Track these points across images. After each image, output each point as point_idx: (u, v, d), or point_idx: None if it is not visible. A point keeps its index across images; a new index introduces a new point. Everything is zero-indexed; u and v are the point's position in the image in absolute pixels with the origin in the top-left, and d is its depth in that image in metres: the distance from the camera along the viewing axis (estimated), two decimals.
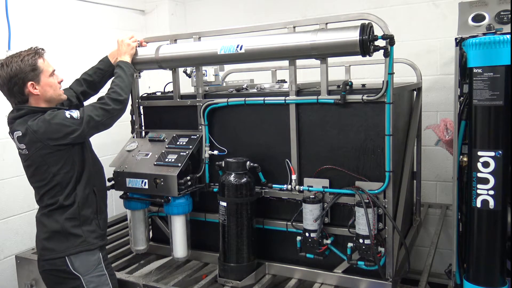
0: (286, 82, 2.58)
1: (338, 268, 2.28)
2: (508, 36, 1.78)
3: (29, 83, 2.05)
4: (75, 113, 2.09)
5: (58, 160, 2.08)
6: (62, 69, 3.36)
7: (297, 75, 2.28)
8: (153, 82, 3.37)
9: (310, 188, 2.25)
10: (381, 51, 2.02)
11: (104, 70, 2.49)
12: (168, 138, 2.54)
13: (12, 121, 2.14)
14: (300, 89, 2.30)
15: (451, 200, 2.15)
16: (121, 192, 2.53)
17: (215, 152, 2.46)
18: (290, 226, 2.34)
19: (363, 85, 2.38)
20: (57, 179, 2.09)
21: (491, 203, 1.87)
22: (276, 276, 2.42)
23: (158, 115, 2.72)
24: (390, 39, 1.99)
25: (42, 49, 2.15)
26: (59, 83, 2.19)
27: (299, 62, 2.30)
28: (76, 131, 2.05)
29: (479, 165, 1.88)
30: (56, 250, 2.10)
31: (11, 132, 2.15)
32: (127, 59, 2.42)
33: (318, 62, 2.19)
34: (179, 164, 2.33)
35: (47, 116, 2.05)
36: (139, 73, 2.73)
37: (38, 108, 2.12)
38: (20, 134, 2.08)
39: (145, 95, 2.79)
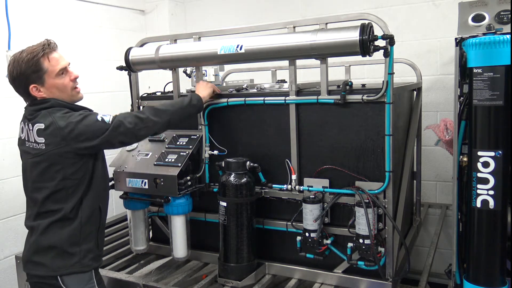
0: (286, 82, 2.58)
1: (338, 268, 2.28)
2: (508, 36, 1.78)
3: (32, 86, 1.91)
4: (108, 117, 1.95)
5: (74, 163, 1.92)
6: None
7: (297, 75, 2.28)
8: (153, 82, 3.37)
9: (310, 188, 2.25)
10: (381, 51, 2.02)
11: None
12: (168, 138, 2.54)
13: (33, 112, 1.95)
14: (300, 89, 2.30)
15: (451, 200, 2.15)
16: (121, 192, 2.53)
17: (215, 152, 2.46)
18: (290, 226, 2.34)
19: (363, 85, 2.38)
20: (66, 184, 1.92)
21: (491, 203, 1.87)
22: (276, 276, 2.42)
23: None
24: (390, 39, 1.99)
25: (49, 45, 1.94)
26: (73, 80, 2.00)
27: (299, 62, 2.30)
28: (102, 134, 1.90)
29: (479, 165, 1.88)
30: (48, 266, 1.92)
31: (31, 124, 1.94)
32: (200, 94, 2.29)
33: (318, 62, 2.19)
34: (179, 164, 2.33)
35: (78, 116, 1.91)
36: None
37: (66, 104, 1.97)
38: (43, 127, 1.89)
39: (145, 95, 2.79)
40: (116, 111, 2.11)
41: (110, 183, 2.50)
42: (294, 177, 2.28)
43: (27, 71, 1.89)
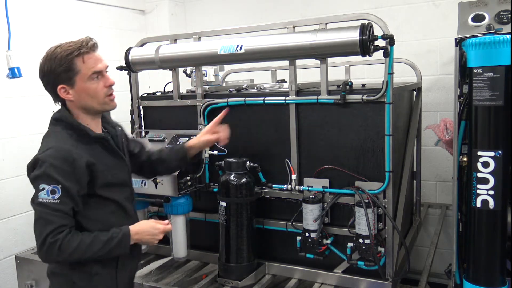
0: (286, 82, 2.58)
1: (338, 268, 2.28)
2: (508, 36, 1.78)
3: (60, 86, 1.70)
4: (44, 196, 1.58)
5: None
6: None
7: (297, 75, 2.28)
8: (153, 82, 3.38)
9: (310, 188, 2.25)
10: (381, 51, 2.02)
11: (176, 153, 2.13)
12: (168, 138, 2.54)
13: (51, 121, 1.78)
14: (300, 89, 2.30)
15: (451, 200, 2.15)
16: None
17: (215, 152, 2.45)
18: (290, 226, 2.33)
19: (363, 85, 2.38)
20: None
21: (491, 203, 1.87)
22: (276, 276, 2.42)
23: (158, 115, 2.72)
24: (390, 39, 1.99)
25: (88, 44, 1.74)
26: (107, 87, 1.75)
27: (299, 62, 2.30)
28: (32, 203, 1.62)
29: (479, 165, 1.88)
30: None
31: None
32: (133, 242, 1.74)
33: (318, 62, 2.19)
34: None
35: (44, 156, 1.62)
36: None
37: (74, 124, 1.71)
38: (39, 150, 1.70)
39: (145, 95, 2.79)
40: (117, 111, 2.08)
41: None
42: (294, 177, 2.28)
43: (58, 69, 1.69)
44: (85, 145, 1.70)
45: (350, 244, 2.16)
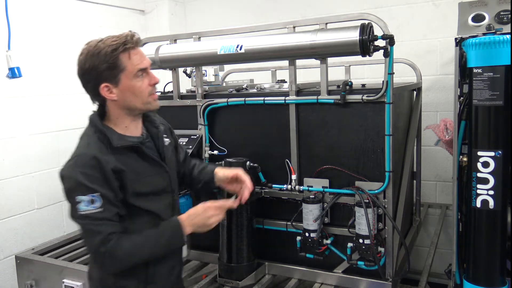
0: (286, 82, 2.58)
1: (338, 268, 2.28)
2: (508, 36, 1.78)
3: (103, 84, 1.57)
4: (85, 207, 1.51)
5: None
6: (62, 70, 3.38)
7: (297, 75, 2.28)
8: None
9: (310, 188, 2.25)
10: (381, 51, 2.02)
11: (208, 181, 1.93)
12: None
13: (88, 121, 1.69)
14: (300, 89, 2.30)
15: (451, 200, 2.15)
16: None
17: (215, 152, 2.45)
18: (290, 226, 2.33)
19: (363, 85, 2.38)
20: None
21: (491, 203, 1.87)
22: (276, 276, 2.42)
23: (158, 115, 2.71)
24: (390, 39, 1.99)
25: (133, 39, 1.60)
26: (151, 85, 1.65)
27: (299, 62, 2.30)
28: (70, 213, 1.56)
29: (479, 165, 1.88)
30: None
31: None
32: (189, 230, 1.67)
33: (318, 62, 2.19)
34: None
35: (71, 166, 1.55)
36: None
37: (98, 126, 1.62)
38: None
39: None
40: None
41: None
42: (294, 177, 2.28)
43: (102, 66, 1.55)
44: (115, 150, 1.58)
45: (350, 244, 2.16)
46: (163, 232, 1.62)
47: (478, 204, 1.89)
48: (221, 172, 1.92)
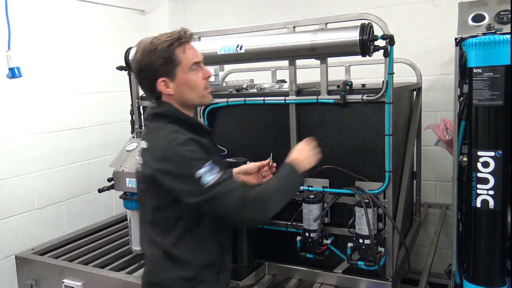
0: (286, 82, 2.58)
1: (338, 268, 2.28)
2: (508, 36, 1.78)
3: (160, 79, 1.62)
4: (211, 177, 1.49)
5: (168, 197, 1.58)
6: (62, 70, 3.38)
7: (297, 75, 2.28)
8: None
9: (310, 188, 2.25)
10: (381, 51, 2.02)
11: None
12: None
13: (148, 118, 1.70)
14: (300, 89, 2.30)
15: (451, 200, 2.15)
16: (121, 192, 2.53)
17: None
18: (290, 226, 2.33)
19: (363, 85, 2.38)
20: (160, 215, 1.63)
21: (491, 203, 1.87)
22: (276, 276, 2.42)
23: None
24: (390, 39, 1.99)
25: (186, 34, 1.65)
26: (205, 79, 1.69)
27: (299, 62, 2.30)
28: (189, 197, 1.52)
29: (479, 165, 1.88)
30: None
31: (142, 137, 1.71)
32: (298, 165, 1.74)
33: (318, 62, 2.19)
34: None
35: (176, 151, 1.51)
36: None
37: (182, 115, 1.65)
38: (145, 147, 1.63)
39: (145, 95, 2.78)
40: (117, 111, 2.05)
41: (110, 183, 2.51)
42: None
43: (159, 62, 1.60)
44: (197, 136, 1.61)
45: (350, 244, 2.16)
46: (285, 175, 1.70)
47: (478, 204, 1.89)
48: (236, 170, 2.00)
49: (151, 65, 1.61)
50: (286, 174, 1.71)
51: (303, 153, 1.80)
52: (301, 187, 2.26)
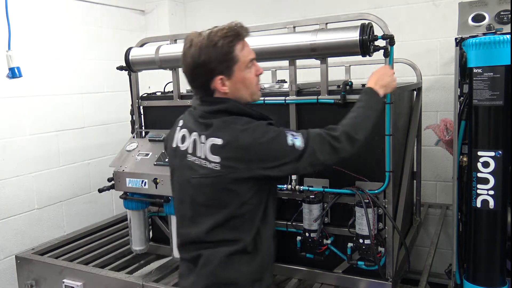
0: (286, 82, 2.58)
1: (338, 268, 2.28)
2: (508, 36, 1.78)
3: (218, 77, 1.55)
4: (299, 140, 1.53)
5: (250, 188, 1.55)
6: (62, 70, 3.38)
7: (297, 75, 2.28)
8: (153, 82, 3.37)
9: (310, 188, 2.25)
10: (381, 51, 2.02)
11: None
12: None
13: (205, 116, 1.60)
14: (300, 89, 2.30)
15: (451, 200, 2.15)
16: (121, 192, 2.53)
17: None
18: (290, 226, 2.33)
19: (363, 85, 2.37)
20: (242, 210, 1.57)
21: (491, 203, 1.87)
22: (276, 276, 2.41)
23: (158, 115, 2.72)
24: (390, 39, 1.99)
25: (243, 29, 1.58)
26: (257, 75, 1.65)
27: (299, 62, 2.30)
28: (291, 164, 1.52)
29: (479, 165, 1.88)
30: None
31: (203, 136, 1.57)
32: (382, 93, 1.80)
33: (318, 62, 2.19)
34: None
35: (266, 133, 1.52)
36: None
37: (244, 108, 1.60)
38: (220, 143, 1.52)
39: (145, 95, 2.79)
40: (117, 111, 2.06)
41: (110, 183, 2.50)
42: (294, 177, 2.28)
43: (219, 58, 1.52)
44: None
45: (350, 244, 2.16)
46: (367, 100, 1.75)
47: (478, 204, 1.90)
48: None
49: (210, 62, 1.53)
50: (368, 99, 1.75)
51: (385, 78, 1.83)
52: (301, 188, 2.26)
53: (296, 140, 1.53)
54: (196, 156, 1.58)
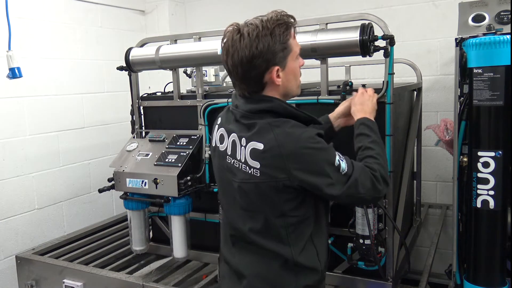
0: None
1: (338, 268, 2.27)
2: (508, 36, 1.78)
3: (275, 68, 1.44)
4: (344, 163, 1.45)
5: (293, 198, 1.47)
6: (62, 70, 3.38)
7: None
8: (153, 82, 3.38)
9: None
10: (381, 51, 2.02)
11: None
12: (168, 138, 2.54)
13: (247, 115, 1.49)
14: (300, 89, 2.29)
15: (451, 200, 2.15)
16: (121, 192, 2.53)
17: None
18: None
19: (363, 85, 2.37)
20: (285, 221, 1.49)
21: (491, 203, 1.87)
22: None
23: (158, 115, 2.72)
24: (390, 39, 1.99)
25: (291, 16, 1.49)
26: (300, 67, 1.58)
27: None
28: (332, 188, 1.43)
29: (479, 165, 1.88)
30: None
31: (244, 139, 1.47)
32: (373, 118, 1.76)
33: (318, 62, 2.19)
34: (179, 164, 2.33)
35: (308, 141, 1.41)
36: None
37: (291, 109, 1.51)
38: (261, 149, 1.42)
39: (145, 95, 2.79)
40: (117, 111, 2.06)
41: (110, 183, 2.50)
42: None
43: (277, 47, 1.41)
44: None
45: (350, 244, 2.16)
46: (374, 132, 1.69)
47: (479, 204, 1.90)
48: (333, 115, 1.91)
49: (269, 51, 1.41)
50: (372, 131, 1.68)
51: (368, 104, 1.78)
52: None
53: (342, 162, 1.44)
54: (236, 158, 1.50)
